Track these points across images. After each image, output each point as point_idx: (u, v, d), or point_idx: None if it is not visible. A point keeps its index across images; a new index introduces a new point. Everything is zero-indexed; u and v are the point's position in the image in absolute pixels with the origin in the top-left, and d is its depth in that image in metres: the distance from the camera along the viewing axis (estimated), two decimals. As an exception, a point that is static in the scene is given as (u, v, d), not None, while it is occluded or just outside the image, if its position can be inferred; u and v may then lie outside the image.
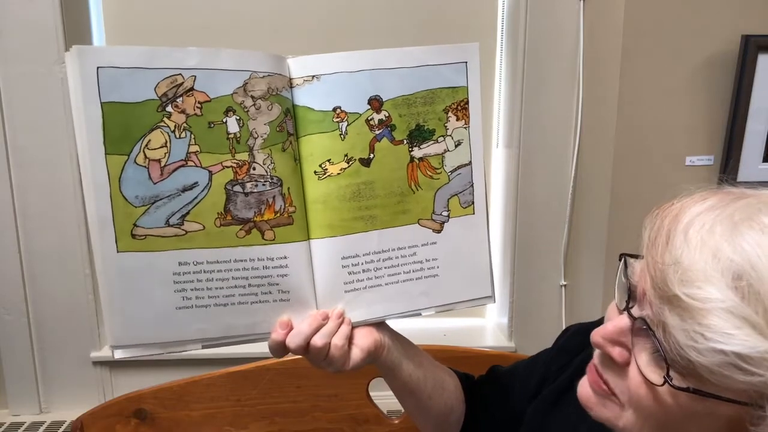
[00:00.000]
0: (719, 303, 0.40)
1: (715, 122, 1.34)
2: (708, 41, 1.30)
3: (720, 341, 0.39)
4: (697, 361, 0.40)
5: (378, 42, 1.36)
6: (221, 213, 0.59)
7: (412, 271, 0.67)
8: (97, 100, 0.54)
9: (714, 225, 0.43)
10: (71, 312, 1.34)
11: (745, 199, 0.45)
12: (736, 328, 0.39)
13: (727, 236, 0.42)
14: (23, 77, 1.23)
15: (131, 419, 1.02)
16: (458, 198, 0.68)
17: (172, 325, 0.59)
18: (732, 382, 0.40)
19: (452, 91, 0.66)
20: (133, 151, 0.56)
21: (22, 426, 1.35)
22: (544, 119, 1.34)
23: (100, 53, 0.55)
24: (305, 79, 0.62)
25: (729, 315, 0.40)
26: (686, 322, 0.41)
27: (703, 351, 0.40)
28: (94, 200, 0.56)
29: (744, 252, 0.41)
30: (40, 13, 1.21)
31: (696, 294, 0.41)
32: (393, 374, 0.70)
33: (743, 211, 0.43)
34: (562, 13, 1.29)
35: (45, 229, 1.30)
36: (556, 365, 0.72)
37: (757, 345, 0.39)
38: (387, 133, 0.65)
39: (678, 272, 0.42)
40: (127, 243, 0.57)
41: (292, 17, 1.35)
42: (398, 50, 0.64)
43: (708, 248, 0.42)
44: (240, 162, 0.59)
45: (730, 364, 0.39)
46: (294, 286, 0.63)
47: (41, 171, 1.27)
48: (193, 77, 0.57)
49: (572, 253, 1.41)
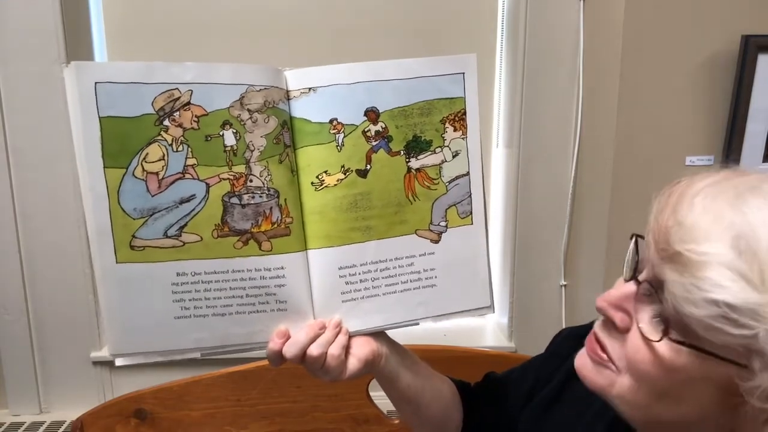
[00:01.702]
0: (716, 257, 0.41)
1: (715, 122, 1.34)
2: (708, 41, 1.30)
3: (713, 291, 0.41)
4: (692, 315, 0.42)
5: (377, 42, 1.36)
6: (218, 224, 0.60)
7: (409, 281, 0.68)
8: (95, 115, 0.56)
9: (718, 194, 0.44)
10: (71, 312, 1.34)
11: (750, 175, 0.47)
12: (730, 280, 0.41)
13: (731, 201, 0.43)
14: (23, 77, 1.23)
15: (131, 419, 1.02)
16: (456, 208, 0.69)
17: (171, 334, 0.60)
18: (726, 338, 0.41)
19: (449, 102, 0.67)
20: (131, 165, 0.57)
21: (22, 426, 1.35)
22: (544, 119, 1.34)
23: (97, 69, 0.56)
24: (302, 91, 0.63)
25: (724, 268, 0.41)
26: (684, 276, 0.43)
27: (698, 302, 0.41)
28: (93, 212, 0.57)
29: (745, 215, 0.42)
30: (40, 13, 1.21)
31: (695, 249, 0.42)
32: (390, 384, 0.70)
33: (747, 183, 0.45)
34: (562, 13, 1.29)
35: (45, 229, 1.30)
36: (548, 369, 0.73)
37: (748, 297, 0.40)
38: (384, 144, 0.65)
39: (680, 232, 0.44)
40: (126, 254, 0.58)
41: (293, 17, 1.35)
42: (395, 62, 0.65)
43: (711, 212, 0.44)
44: (237, 174, 0.60)
45: (722, 316, 0.41)
46: (291, 296, 0.63)
47: (41, 171, 1.27)
48: (189, 91, 0.58)
49: (572, 253, 1.41)
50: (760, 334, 0.40)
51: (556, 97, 1.33)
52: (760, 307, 0.40)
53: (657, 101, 1.32)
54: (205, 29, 1.34)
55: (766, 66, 1.28)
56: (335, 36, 1.36)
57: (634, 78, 1.31)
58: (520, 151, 1.34)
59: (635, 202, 1.35)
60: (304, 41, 1.35)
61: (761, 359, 0.41)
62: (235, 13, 1.34)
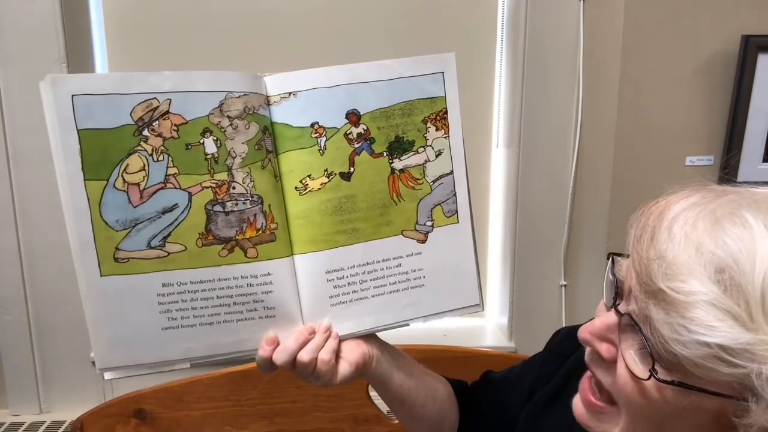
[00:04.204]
0: (702, 296, 0.40)
1: (715, 122, 1.34)
2: (708, 41, 1.30)
3: (703, 333, 0.40)
4: (682, 354, 0.41)
5: (376, 42, 1.36)
6: (203, 233, 0.59)
7: (398, 282, 0.68)
8: (73, 128, 0.55)
9: (697, 220, 0.43)
10: (71, 312, 1.33)
11: (727, 196, 0.45)
12: (718, 320, 0.40)
13: (710, 231, 0.42)
14: (23, 77, 1.23)
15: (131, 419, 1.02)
16: (441, 207, 0.69)
17: (159, 345, 0.60)
18: (716, 375, 0.40)
19: (430, 101, 0.66)
20: (112, 176, 0.57)
21: (22, 426, 1.35)
22: (544, 119, 1.33)
23: (73, 81, 0.55)
24: (282, 96, 0.63)
25: (712, 307, 0.40)
26: (670, 315, 0.42)
27: (688, 344, 0.41)
28: (75, 226, 0.57)
29: (726, 246, 0.41)
30: (40, 13, 1.21)
31: (680, 287, 0.41)
32: (384, 385, 0.70)
33: (725, 207, 0.44)
34: (562, 13, 1.29)
35: (45, 229, 1.30)
36: (548, 369, 0.72)
37: (739, 336, 0.39)
38: (366, 146, 0.65)
39: (662, 266, 0.43)
40: (110, 267, 0.58)
41: (294, 16, 1.35)
42: (374, 63, 0.64)
43: (691, 243, 0.42)
44: (219, 182, 0.60)
45: (714, 356, 0.40)
46: (279, 302, 0.63)
47: (41, 171, 1.27)
48: (168, 100, 0.57)
49: (572, 253, 1.41)
50: (753, 372, 0.39)
51: (556, 97, 1.33)
52: (752, 346, 0.39)
53: (657, 101, 1.32)
54: (205, 29, 1.34)
55: (766, 66, 1.28)
56: (336, 37, 1.36)
57: (634, 78, 1.31)
58: (520, 151, 1.34)
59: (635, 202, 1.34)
60: (306, 41, 1.35)
61: (755, 397, 0.40)
62: (236, 13, 1.34)
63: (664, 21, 1.28)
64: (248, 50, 1.35)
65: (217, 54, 1.35)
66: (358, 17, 1.36)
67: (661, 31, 1.29)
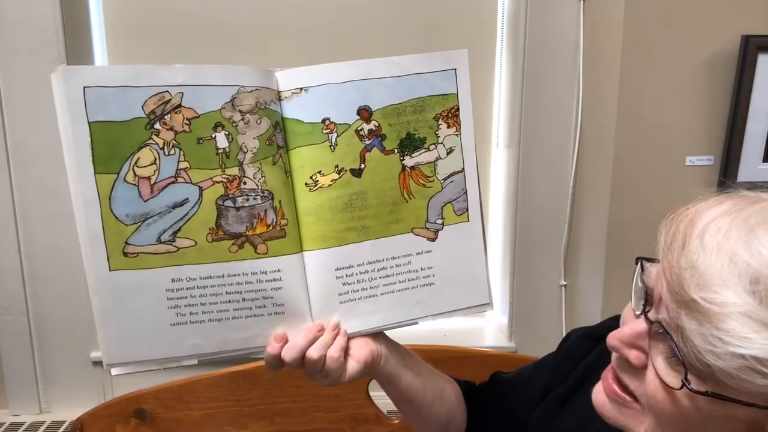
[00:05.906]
0: (737, 307, 0.40)
1: (715, 122, 1.34)
2: (708, 41, 1.29)
3: (738, 345, 0.39)
4: (716, 365, 0.40)
5: (377, 42, 1.36)
6: (213, 228, 0.59)
7: (407, 281, 0.67)
8: (84, 120, 0.55)
9: (730, 229, 0.43)
10: (71, 312, 1.33)
11: (761, 203, 0.45)
12: (754, 331, 0.39)
13: (744, 240, 0.42)
14: (23, 77, 1.23)
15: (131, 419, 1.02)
16: (452, 205, 0.68)
17: (167, 341, 0.60)
18: (751, 386, 0.40)
19: (442, 98, 0.66)
20: (123, 170, 0.56)
21: (22, 426, 1.35)
22: (544, 119, 1.33)
23: (86, 73, 0.55)
24: (293, 91, 0.62)
25: (747, 319, 0.39)
26: (704, 326, 0.41)
27: (722, 355, 0.40)
28: (84, 220, 0.56)
29: (761, 256, 0.41)
30: (40, 13, 1.21)
31: (713, 298, 0.41)
32: (391, 384, 0.69)
33: (759, 215, 0.43)
34: (562, 13, 1.29)
35: (45, 229, 1.29)
36: (562, 371, 0.72)
37: None
38: (377, 143, 0.65)
39: (695, 276, 0.42)
40: (120, 261, 0.57)
41: (294, 16, 1.35)
42: (386, 60, 0.64)
43: (724, 252, 0.42)
44: (230, 177, 0.59)
45: (749, 368, 0.39)
46: (288, 299, 0.62)
47: (41, 171, 1.26)
48: (180, 94, 0.57)
49: (572, 253, 1.41)
50: None
51: (556, 97, 1.33)
52: None
53: (657, 101, 1.32)
54: (205, 29, 1.33)
55: (766, 66, 1.28)
56: (336, 36, 1.36)
57: (634, 78, 1.31)
58: (520, 151, 1.34)
59: (635, 202, 1.35)
60: (306, 39, 1.35)
61: None
62: (236, 12, 1.33)
63: (664, 21, 1.28)
64: (248, 50, 1.35)
65: (218, 54, 1.34)
66: (357, 18, 1.36)
67: (661, 31, 1.29)
